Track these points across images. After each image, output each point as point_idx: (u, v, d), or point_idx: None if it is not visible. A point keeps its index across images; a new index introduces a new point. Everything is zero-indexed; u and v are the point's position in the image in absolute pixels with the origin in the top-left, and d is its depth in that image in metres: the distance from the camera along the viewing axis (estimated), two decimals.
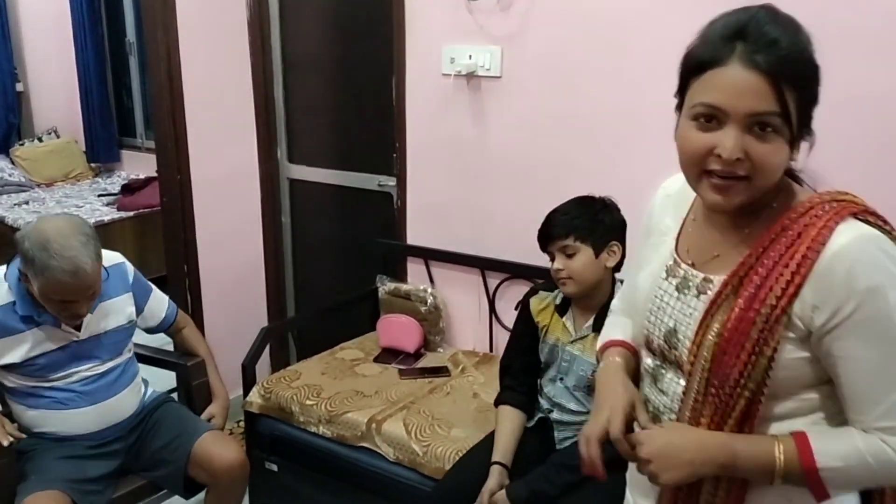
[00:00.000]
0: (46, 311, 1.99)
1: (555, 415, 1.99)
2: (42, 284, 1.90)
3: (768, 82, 0.95)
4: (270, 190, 3.31)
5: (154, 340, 2.49)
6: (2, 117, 5.48)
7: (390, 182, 2.98)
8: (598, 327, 1.90)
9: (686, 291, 1.11)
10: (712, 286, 1.08)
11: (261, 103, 3.20)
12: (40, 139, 5.38)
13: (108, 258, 2.12)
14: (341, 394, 2.46)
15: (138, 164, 5.12)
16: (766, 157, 0.98)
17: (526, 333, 2.06)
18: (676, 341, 1.11)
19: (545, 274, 2.03)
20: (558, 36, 2.43)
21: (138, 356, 2.31)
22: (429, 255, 2.90)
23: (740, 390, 1.02)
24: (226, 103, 3.10)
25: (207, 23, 2.95)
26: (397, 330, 2.80)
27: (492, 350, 2.82)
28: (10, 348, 2.00)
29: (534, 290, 2.10)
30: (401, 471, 2.22)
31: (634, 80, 2.32)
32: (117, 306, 2.16)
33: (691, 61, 1.03)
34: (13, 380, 2.05)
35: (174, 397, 2.41)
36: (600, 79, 2.39)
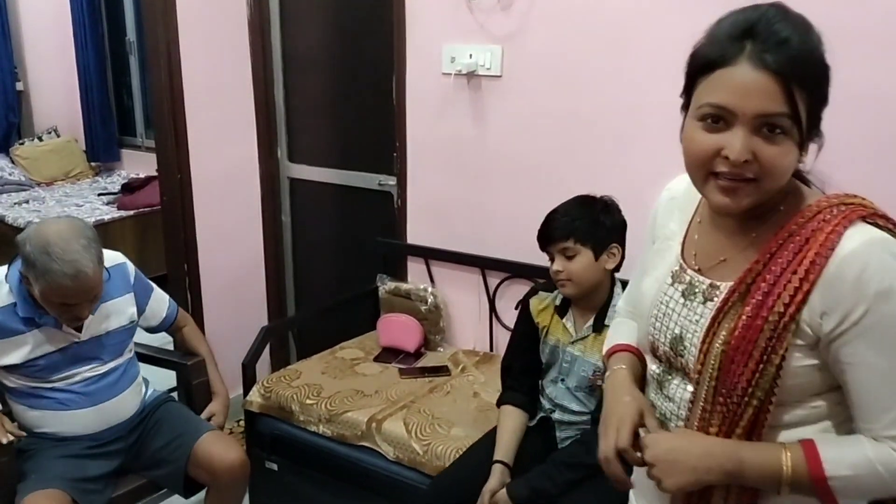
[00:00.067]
0: (47, 313, 1.98)
1: (556, 415, 1.99)
2: (43, 288, 1.89)
3: (778, 83, 0.93)
4: (270, 189, 3.31)
5: (154, 340, 2.48)
6: (2, 116, 5.46)
7: (390, 181, 2.98)
8: (598, 327, 1.92)
9: (692, 298, 1.09)
10: (719, 293, 1.06)
11: (261, 102, 3.19)
12: (40, 138, 5.37)
13: (110, 258, 2.11)
14: (341, 393, 2.46)
15: (138, 164, 5.11)
16: (774, 160, 0.96)
17: (526, 334, 2.06)
18: (683, 349, 1.09)
19: (545, 273, 2.02)
20: (559, 35, 2.43)
21: (138, 355, 2.31)
22: (429, 255, 2.89)
23: (748, 399, 1.00)
24: (226, 102, 3.09)
25: (207, 22, 2.94)
26: (397, 329, 2.80)
27: (492, 349, 2.82)
28: (11, 349, 1.99)
29: (534, 291, 2.10)
30: (401, 470, 2.22)
31: (635, 79, 2.32)
32: (119, 307, 2.16)
33: (698, 60, 1.00)
34: (14, 380, 2.05)
35: (174, 397, 2.41)
36: (601, 78, 2.39)
